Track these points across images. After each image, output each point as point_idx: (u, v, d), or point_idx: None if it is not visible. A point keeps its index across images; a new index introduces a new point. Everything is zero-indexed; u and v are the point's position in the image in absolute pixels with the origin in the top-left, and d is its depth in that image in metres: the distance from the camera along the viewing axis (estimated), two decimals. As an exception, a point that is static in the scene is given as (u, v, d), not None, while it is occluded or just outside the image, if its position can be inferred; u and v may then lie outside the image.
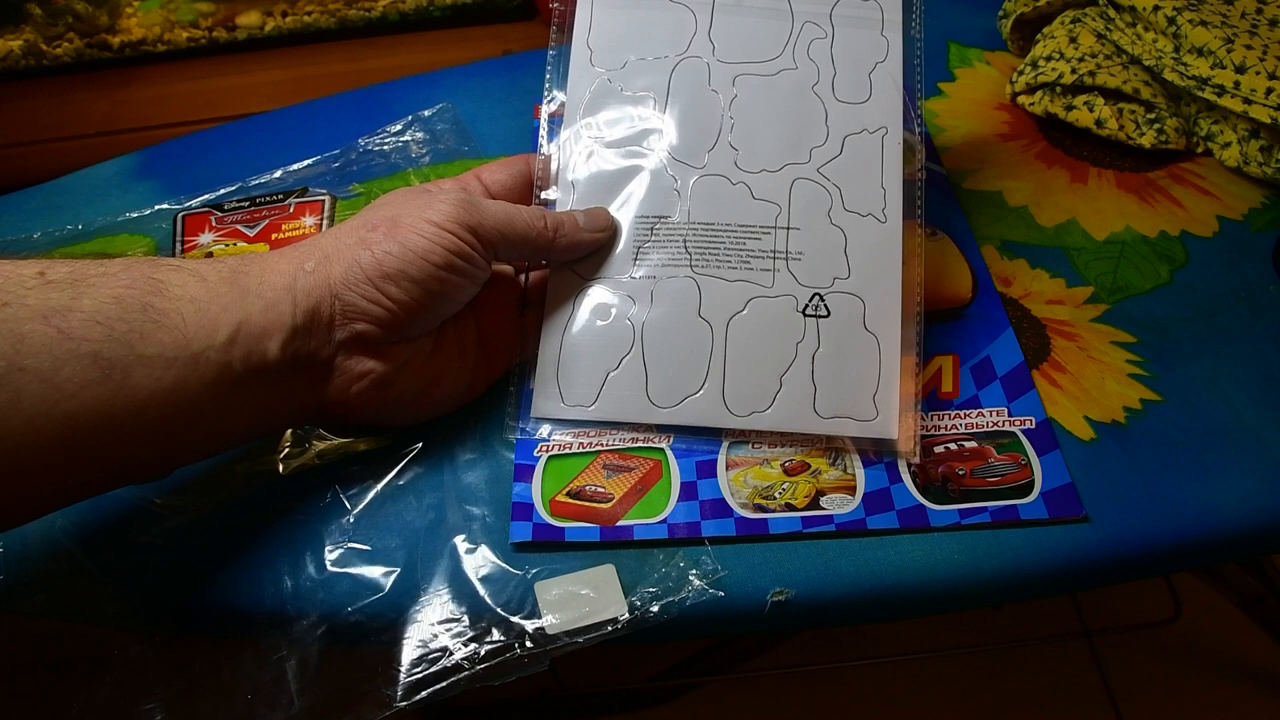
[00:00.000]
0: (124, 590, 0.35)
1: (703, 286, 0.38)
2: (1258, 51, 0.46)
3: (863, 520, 0.35)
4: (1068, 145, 0.51)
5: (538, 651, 0.33)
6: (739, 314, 0.37)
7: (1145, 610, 0.86)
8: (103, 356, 0.28)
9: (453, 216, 0.34)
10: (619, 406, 0.37)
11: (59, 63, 0.95)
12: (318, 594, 0.35)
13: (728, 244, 0.38)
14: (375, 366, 0.34)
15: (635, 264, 0.38)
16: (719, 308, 0.38)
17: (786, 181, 0.39)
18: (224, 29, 1.01)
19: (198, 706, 0.34)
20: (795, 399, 0.37)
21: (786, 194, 0.39)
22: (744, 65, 0.40)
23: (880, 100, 0.40)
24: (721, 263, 0.38)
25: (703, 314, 0.38)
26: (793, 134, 0.39)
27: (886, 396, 0.37)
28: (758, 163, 0.39)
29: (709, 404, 0.37)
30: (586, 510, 0.36)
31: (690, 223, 0.38)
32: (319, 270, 0.33)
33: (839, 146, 0.39)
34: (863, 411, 0.37)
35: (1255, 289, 0.43)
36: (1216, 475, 0.37)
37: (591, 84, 0.41)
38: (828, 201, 0.38)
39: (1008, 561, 0.35)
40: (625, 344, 0.38)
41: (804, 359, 0.37)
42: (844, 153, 0.39)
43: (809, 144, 0.39)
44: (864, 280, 0.38)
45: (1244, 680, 0.85)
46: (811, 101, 0.40)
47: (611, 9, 0.41)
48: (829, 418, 0.37)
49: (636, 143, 0.40)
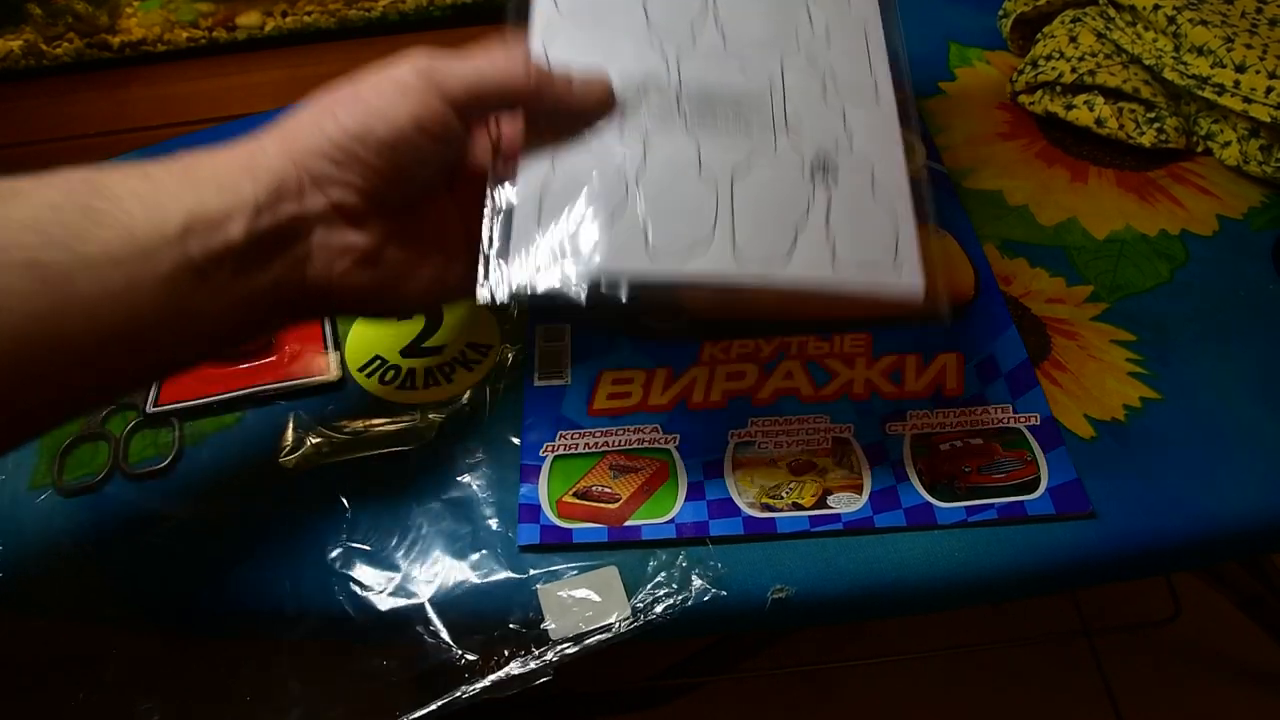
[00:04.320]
0: (123, 590, 0.35)
1: (702, 144, 0.35)
2: (1257, 50, 0.46)
3: (870, 519, 0.35)
4: (1068, 144, 0.51)
5: (542, 665, 0.33)
6: (743, 171, 0.34)
7: (1145, 610, 0.86)
8: (39, 263, 0.26)
9: (414, 72, 0.31)
10: (616, 258, 0.32)
11: (59, 63, 0.95)
12: (318, 595, 0.35)
13: (724, 110, 0.36)
14: (358, 240, 0.32)
15: (624, 121, 0.35)
16: (721, 164, 0.34)
17: (777, 61, 0.37)
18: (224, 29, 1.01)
19: (198, 707, 0.34)
20: (813, 252, 0.33)
21: (779, 74, 0.37)
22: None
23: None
24: (719, 126, 0.35)
25: (704, 171, 0.35)
26: (778, 23, 0.38)
27: (907, 255, 0.33)
28: (745, 42, 0.37)
29: (719, 257, 0.33)
30: (594, 511, 0.36)
31: (683, 86, 0.36)
32: (280, 146, 0.31)
33: (825, 36, 0.38)
34: (884, 266, 0.33)
35: (1255, 288, 0.43)
36: (1216, 473, 0.37)
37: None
38: (820, 84, 0.37)
39: (1008, 558, 0.35)
40: (618, 196, 0.33)
41: (817, 216, 0.34)
42: (831, 42, 0.38)
43: (794, 31, 0.38)
44: (866, 155, 0.35)
45: (1244, 680, 0.85)
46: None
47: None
48: (851, 269, 0.33)
49: (621, 10, 0.37)
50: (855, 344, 0.41)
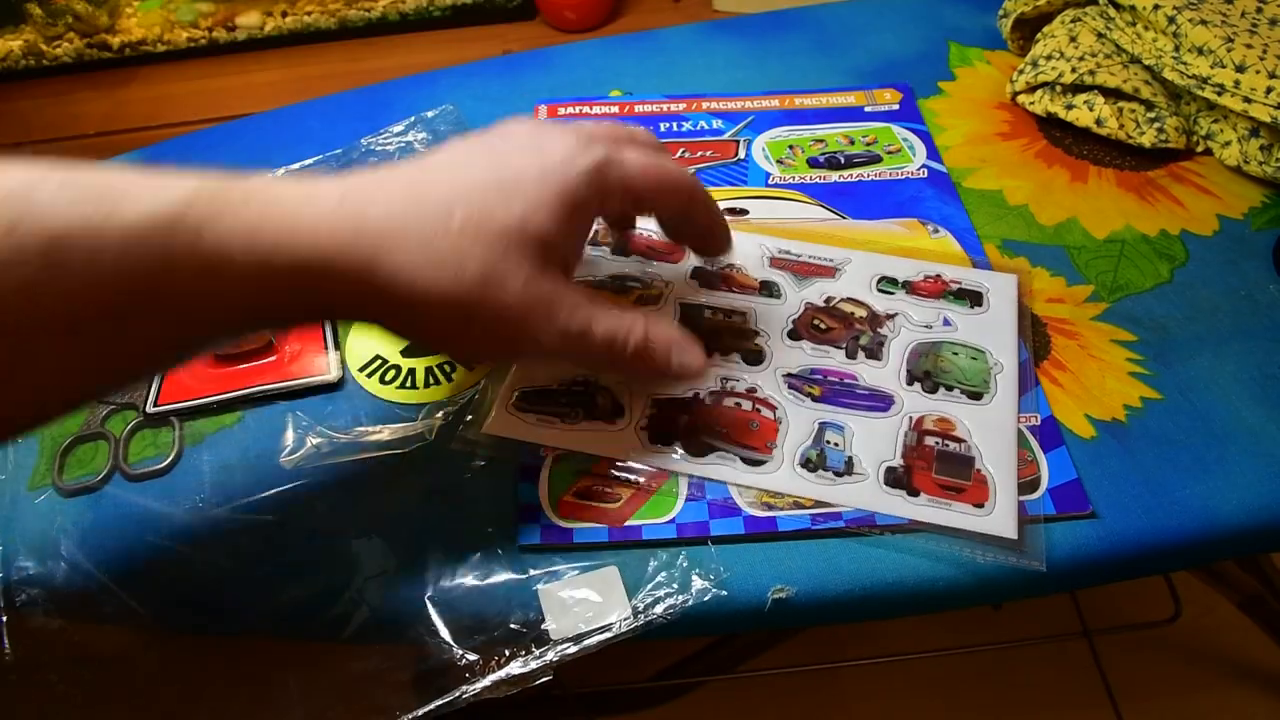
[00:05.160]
0: (123, 590, 0.35)
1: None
2: (1258, 50, 0.46)
3: (871, 516, 0.35)
4: (1068, 144, 0.51)
5: (542, 665, 0.33)
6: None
7: (1145, 610, 0.86)
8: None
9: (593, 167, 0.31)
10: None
11: (59, 63, 0.95)
12: (318, 595, 0.35)
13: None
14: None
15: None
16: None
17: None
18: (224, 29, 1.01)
19: (197, 708, 0.34)
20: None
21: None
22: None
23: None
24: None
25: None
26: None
27: (1004, 495, 0.36)
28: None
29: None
30: (595, 511, 0.36)
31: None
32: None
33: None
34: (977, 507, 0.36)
35: (1255, 288, 0.43)
36: (1216, 473, 0.37)
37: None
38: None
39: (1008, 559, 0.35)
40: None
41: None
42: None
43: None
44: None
45: (1244, 680, 0.85)
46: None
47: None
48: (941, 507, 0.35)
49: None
50: (855, 344, 0.41)
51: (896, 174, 0.49)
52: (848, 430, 0.37)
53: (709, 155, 0.51)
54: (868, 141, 0.51)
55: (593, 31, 1.10)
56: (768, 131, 0.52)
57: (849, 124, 0.53)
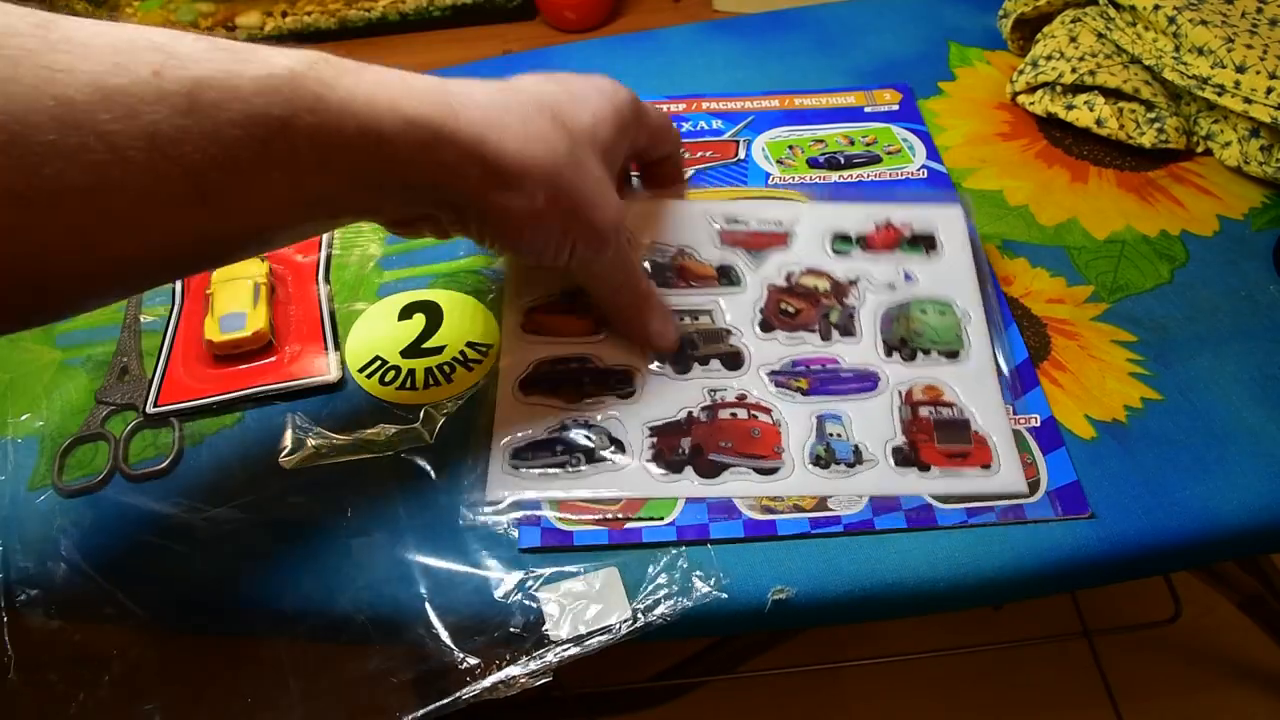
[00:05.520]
0: (123, 590, 0.35)
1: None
2: (1258, 51, 0.46)
3: (870, 520, 0.35)
4: (1068, 145, 0.51)
5: (542, 666, 0.33)
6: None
7: (1145, 610, 0.86)
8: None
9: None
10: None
11: (58, 63, 0.95)
12: (318, 595, 0.35)
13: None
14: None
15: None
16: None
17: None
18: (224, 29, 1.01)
19: (197, 708, 0.34)
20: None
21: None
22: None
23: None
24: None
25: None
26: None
27: (1005, 451, 0.37)
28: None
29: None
30: (595, 513, 0.36)
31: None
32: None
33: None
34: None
35: (1255, 288, 0.43)
36: (1217, 474, 0.37)
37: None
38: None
39: (1008, 560, 0.35)
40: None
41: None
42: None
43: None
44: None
45: (1244, 680, 0.85)
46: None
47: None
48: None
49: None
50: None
51: (896, 174, 0.49)
52: (846, 418, 0.37)
53: (709, 155, 0.51)
54: (868, 142, 0.51)
55: (593, 31, 1.10)
56: (768, 132, 0.52)
57: (849, 124, 0.53)
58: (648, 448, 0.37)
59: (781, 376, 0.39)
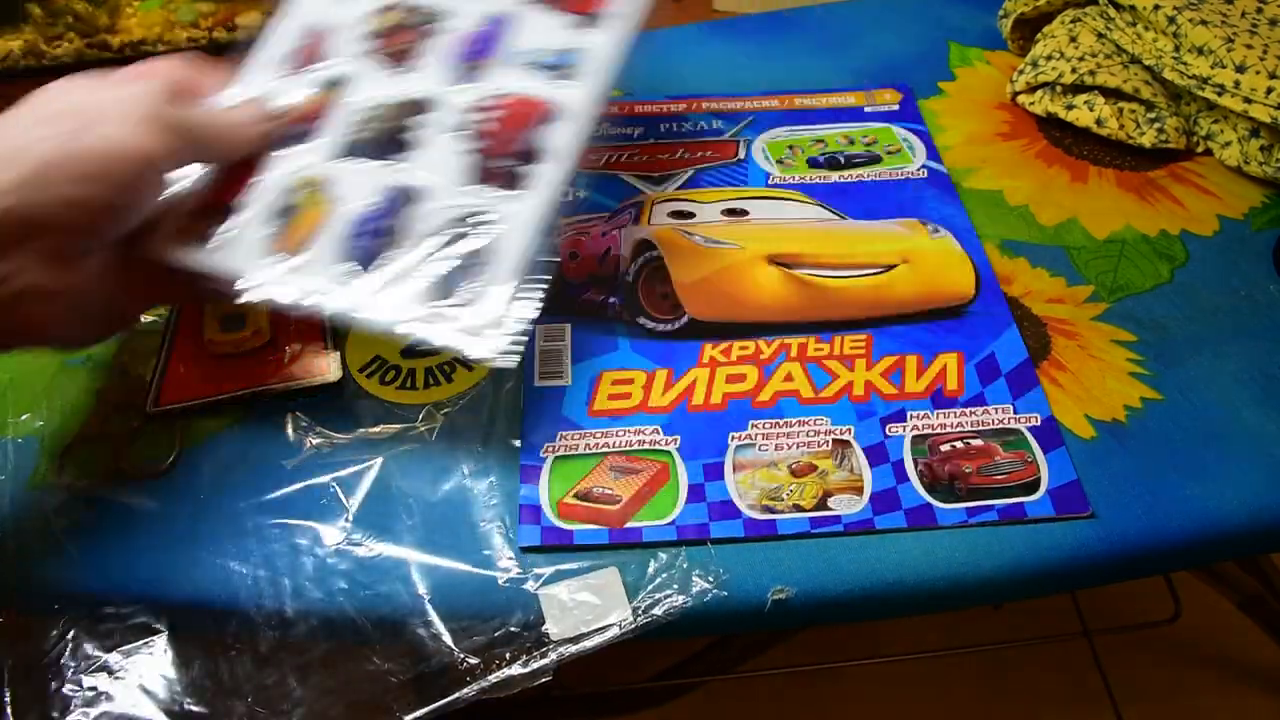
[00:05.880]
0: (123, 590, 0.35)
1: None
2: (1258, 51, 0.46)
3: (870, 520, 0.35)
4: (1068, 145, 0.51)
5: (542, 666, 0.33)
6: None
7: (1145, 610, 0.85)
8: None
9: (158, 116, 0.31)
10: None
11: (59, 63, 0.95)
12: (318, 595, 0.35)
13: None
14: (40, 278, 0.30)
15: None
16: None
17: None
18: (224, 29, 1.01)
19: (198, 708, 0.34)
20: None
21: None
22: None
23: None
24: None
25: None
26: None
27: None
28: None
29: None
30: (595, 512, 0.36)
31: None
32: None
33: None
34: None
35: (1255, 288, 0.43)
36: (1216, 473, 0.37)
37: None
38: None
39: (1008, 559, 0.35)
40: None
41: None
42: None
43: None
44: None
45: (1244, 680, 0.85)
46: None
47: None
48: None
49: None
50: (855, 345, 0.41)
51: (896, 174, 0.49)
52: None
53: (709, 155, 0.51)
54: (868, 142, 0.51)
55: (593, 31, 1.10)
56: (768, 132, 0.52)
57: (849, 124, 0.53)
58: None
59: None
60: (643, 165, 0.50)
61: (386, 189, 0.36)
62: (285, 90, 0.39)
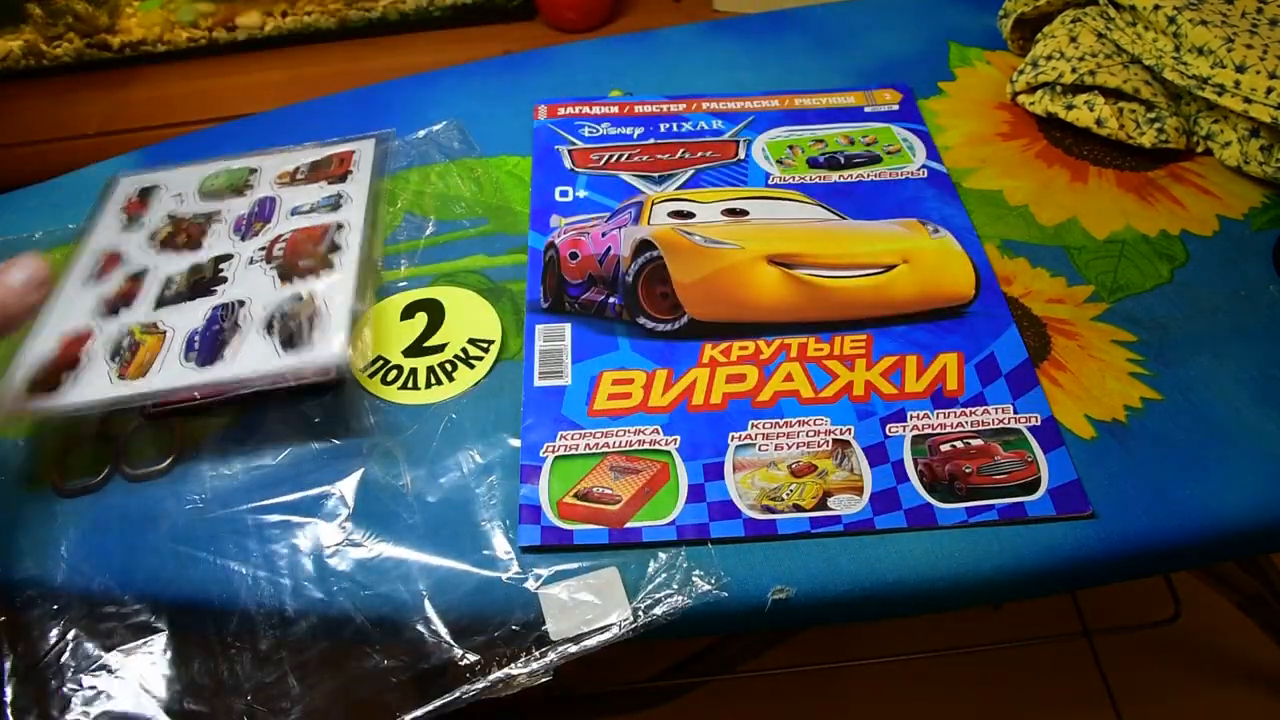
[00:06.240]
0: (123, 590, 0.35)
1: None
2: (1258, 51, 0.46)
3: (870, 520, 0.35)
4: (1068, 145, 0.51)
5: (542, 666, 0.33)
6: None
7: (1145, 610, 0.86)
8: None
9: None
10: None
11: (59, 63, 0.95)
12: (318, 595, 0.35)
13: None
14: None
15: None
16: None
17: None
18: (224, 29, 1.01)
19: (198, 708, 0.34)
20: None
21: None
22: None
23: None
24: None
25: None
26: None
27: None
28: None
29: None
30: (595, 512, 0.36)
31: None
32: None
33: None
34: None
35: (1255, 288, 0.43)
36: (1216, 473, 0.37)
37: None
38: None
39: (1008, 559, 0.35)
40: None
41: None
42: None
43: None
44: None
45: (1244, 680, 0.85)
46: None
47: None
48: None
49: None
50: (855, 345, 0.41)
51: (896, 174, 0.49)
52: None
53: (709, 155, 0.51)
54: (868, 142, 0.51)
55: (593, 31, 1.10)
56: (768, 132, 0.52)
57: (849, 124, 0.53)
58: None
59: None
60: (643, 165, 0.50)
61: (211, 309, 0.41)
62: (92, 291, 0.43)
